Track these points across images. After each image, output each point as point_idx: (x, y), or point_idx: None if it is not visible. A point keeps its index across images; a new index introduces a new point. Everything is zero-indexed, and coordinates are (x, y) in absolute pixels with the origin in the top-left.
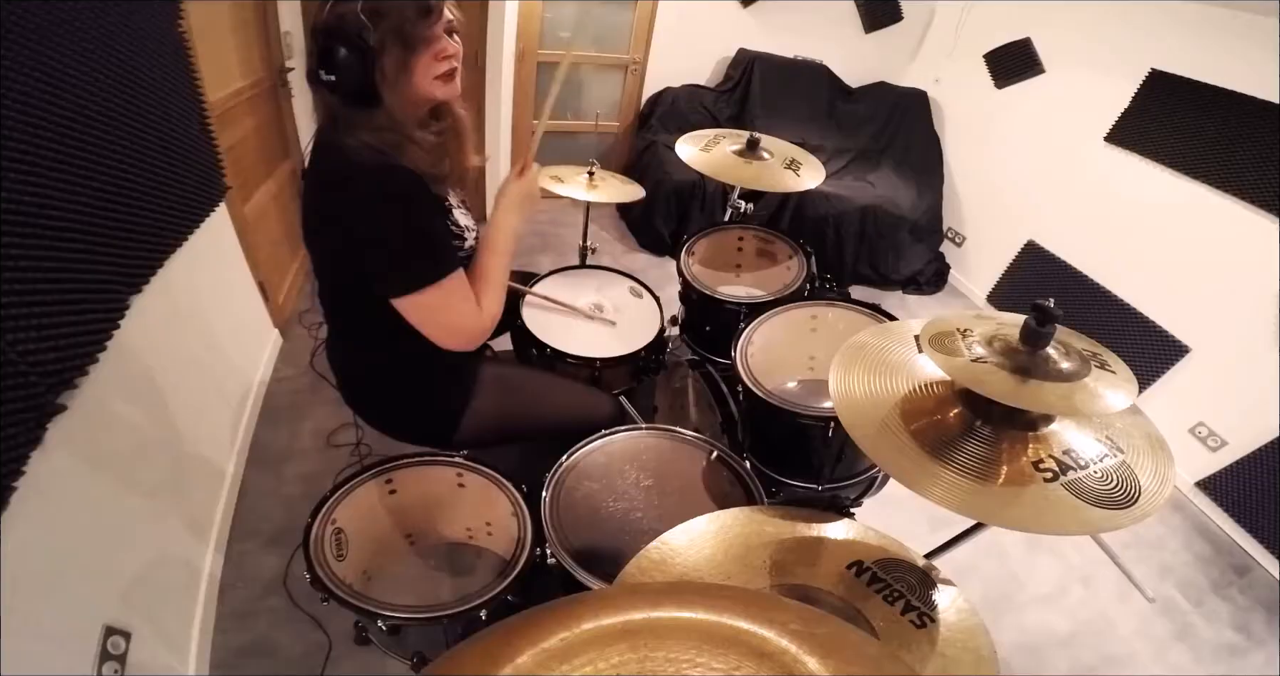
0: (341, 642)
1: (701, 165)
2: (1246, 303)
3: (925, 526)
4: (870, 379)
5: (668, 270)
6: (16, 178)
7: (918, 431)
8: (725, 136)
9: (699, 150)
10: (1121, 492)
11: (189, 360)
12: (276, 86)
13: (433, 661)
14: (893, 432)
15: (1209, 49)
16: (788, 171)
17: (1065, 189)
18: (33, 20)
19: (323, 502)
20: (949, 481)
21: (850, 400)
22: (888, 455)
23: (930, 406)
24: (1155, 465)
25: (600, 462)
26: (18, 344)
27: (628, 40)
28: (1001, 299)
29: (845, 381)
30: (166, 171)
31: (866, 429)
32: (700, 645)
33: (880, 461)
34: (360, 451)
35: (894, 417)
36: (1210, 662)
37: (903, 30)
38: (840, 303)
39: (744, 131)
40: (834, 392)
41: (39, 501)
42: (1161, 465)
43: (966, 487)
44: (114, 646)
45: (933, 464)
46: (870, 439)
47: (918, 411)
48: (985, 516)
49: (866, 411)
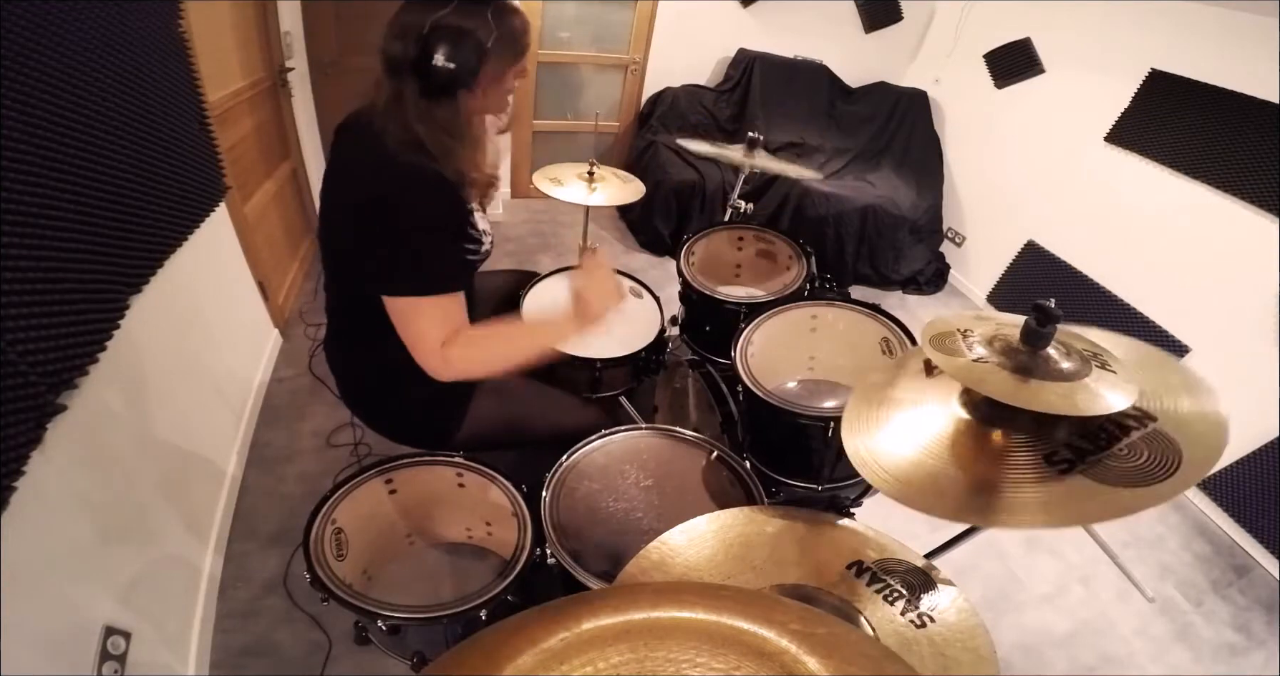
0: (341, 642)
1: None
2: (1246, 303)
3: (925, 526)
4: (894, 437)
5: (668, 270)
6: (16, 178)
7: (961, 471)
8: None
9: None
10: (1157, 464)
11: (189, 360)
12: (276, 86)
13: (433, 661)
14: (941, 484)
15: (1209, 49)
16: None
17: (1065, 189)
18: (32, 20)
19: (323, 502)
20: (1015, 501)
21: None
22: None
23: (969, 442)
24: (1201, 415)
25: (600, 463)
26: (18, 344)
27: (627, 40)
28: (1001, 299)
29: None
30: (166, 171)
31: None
32: (700, 645)
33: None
34: (360, 451)
35: (936, 470)
36: (1210, 662)
37: (903, 30)
38: (840, 303)
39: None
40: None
41: (39, 501)
42: (1209, 411)
43: (1024, 501)
44: (114, 646)
45: (982, 498)
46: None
47: (961, 455)
48: (1013, 522)
49: (906, 475)
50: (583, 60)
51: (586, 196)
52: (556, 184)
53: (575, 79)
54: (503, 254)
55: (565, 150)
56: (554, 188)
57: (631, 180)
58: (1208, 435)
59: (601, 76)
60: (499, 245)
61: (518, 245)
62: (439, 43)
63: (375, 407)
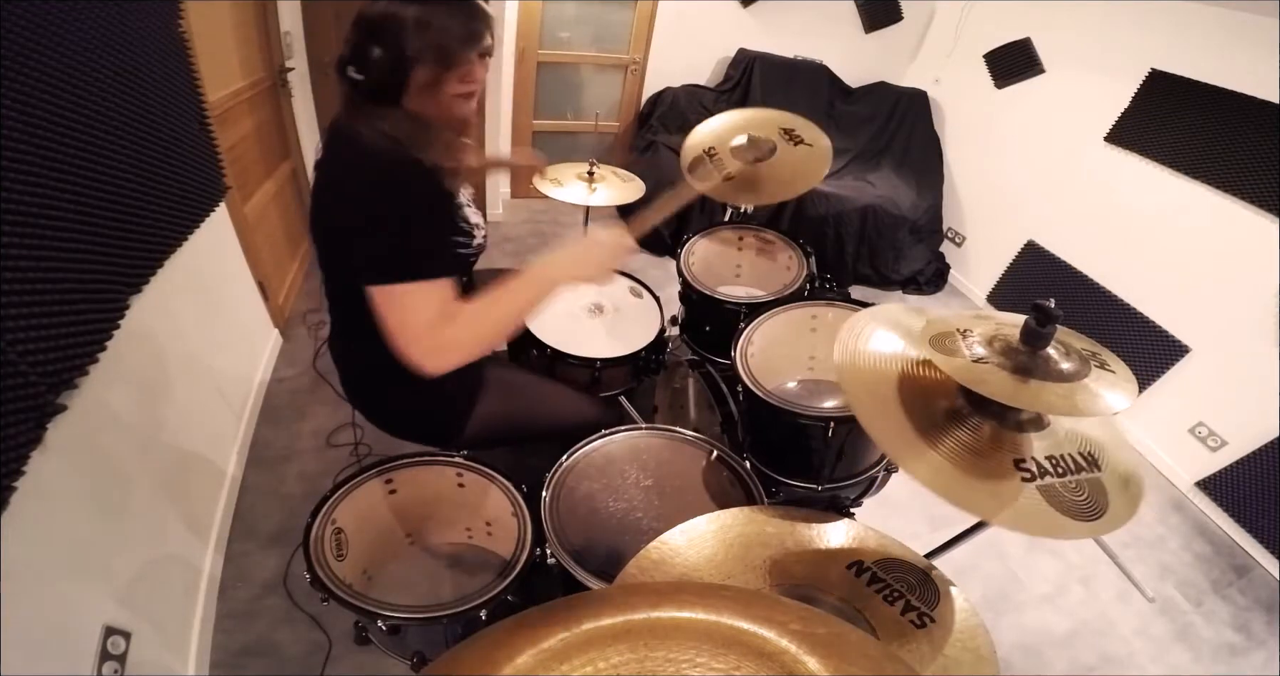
0: (341, 642)
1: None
2: (1246, 303)
3: (925, 526)
4: (875, 353)
5: (668, 270)
6: (16, 178)
7: (913, 410)
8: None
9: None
10: (1090, 506)
11: (189, 360)
12: (276, 86)
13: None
14: (890, 407)
15: (1209, 49)
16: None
17: (1065, 189)
18: (32, 20)
19: (323, 502)
20: (935, 463)
21: (854, 370)
22: (882, 427)
23: (928, 387)
24: (1126, 494)
25: (600, 463)
26: (18, 344)
27: (627, 40)
28: (1001, 299)
29: (853, 346)
30: (166, 171)
31: (865, 399)
32: (700, 645)
33: (873, 433)
34: (360, 451)
35: (892, 393)
36: (1210, 662)
37: (903, 30)
38: (840, 302)
39: None
40: (838, 361)
41: (39, 501)
42: (1130, 495)
43: (951, 473)
44: (114, 646)
45: (923, 444)
46: (867, 409)
47: (916, 390)
48: (967, 505)
49: (867, 382)
50: (583, 60)
51: (586, 196)
52: (556, 184)
53: (575, 79)
54: (503, 254)
55: (565, 150)
56: (554, 188)
57: (631, 179)
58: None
59: (601, 76)
60: (499, 245)
61: (518, 245)
62: (359, 48)
63: (379, 404)
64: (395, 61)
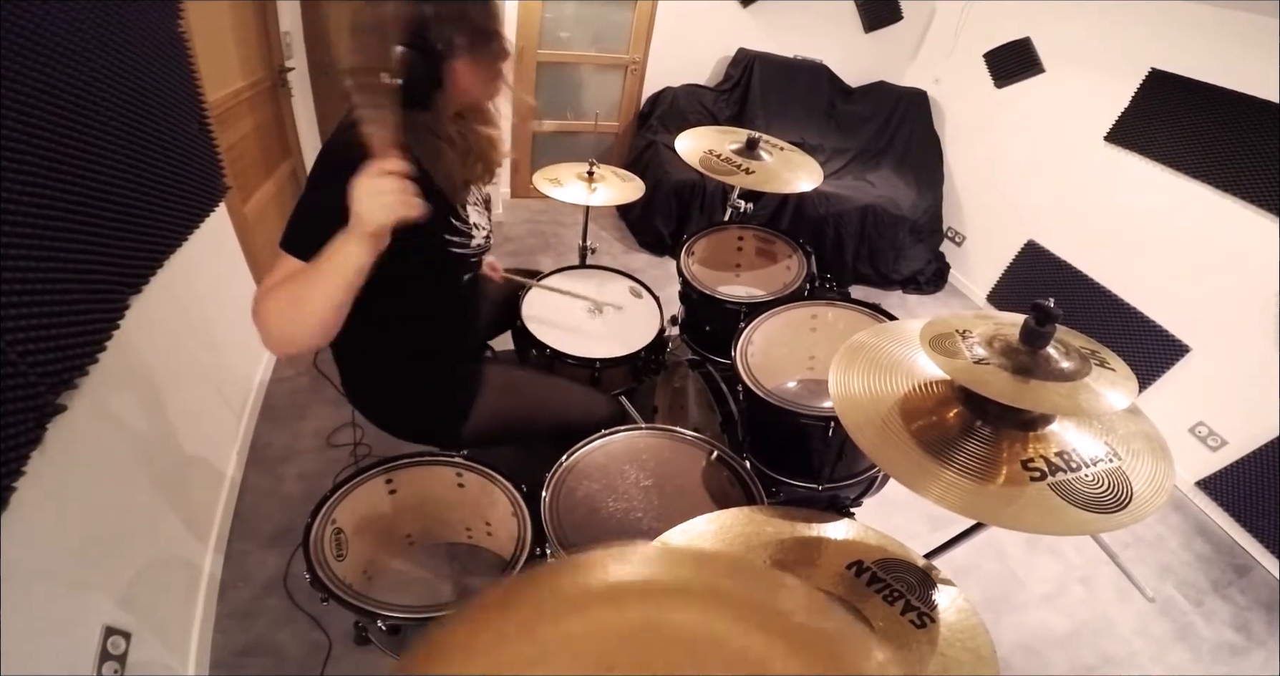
0: (341, 642)
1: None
2: (1246, 302)
3: (925, 526)
4: (870, 378)
5: (668, 270)
6: (16, 178)
7: (918, 431)
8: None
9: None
10: (1111, 497)
11: (189, 360)
12: (276, 86)
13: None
14: (893, 432)
15: (1209, 49)
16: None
17: (1065, 189)
18: (32, 20)
19: (323, 502)
20: (948, 481)
21: (851, 399)
22: (888, 455)
23: (930, 406)
24: (1154, 469)
25: (600, 463)
26: (18, 344)
27: (627, 40)
28: (1001, 299)
29: (845, 380)
30: (166, 171)
31: (867, 428)
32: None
33: (881, 462)
34: (360, 451)
35: (894, 417)
36: (1210, 662)
37: (902, 30)
38: (840, 302)
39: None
40: (834, 392)
41: (39, 501)
42: (1160, 469)
43: (965, 487)
44: (114, 646)
45: (932, 463)
46: (870, 438)
47: (917, 411)
48: (986, 517)
49: (867, 410)
50: (583, 60)
51: (586, 196)
52: (556, 184)
53: (575, 79)
54: (503, 254)
55: (565, 150)
56: (554, 188)
57: (631, 179)
58: (1155, 492)
59: (601, 76)
60: (498, 245)
61: (518, 245)
62: (379, 59)
63: (379, 403)
64: (428, 56)
